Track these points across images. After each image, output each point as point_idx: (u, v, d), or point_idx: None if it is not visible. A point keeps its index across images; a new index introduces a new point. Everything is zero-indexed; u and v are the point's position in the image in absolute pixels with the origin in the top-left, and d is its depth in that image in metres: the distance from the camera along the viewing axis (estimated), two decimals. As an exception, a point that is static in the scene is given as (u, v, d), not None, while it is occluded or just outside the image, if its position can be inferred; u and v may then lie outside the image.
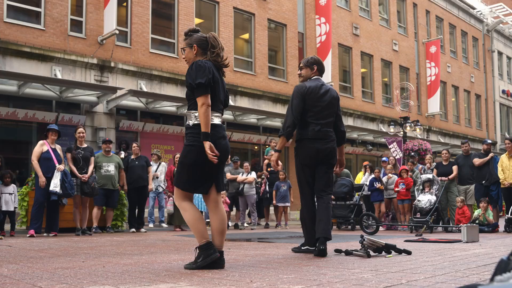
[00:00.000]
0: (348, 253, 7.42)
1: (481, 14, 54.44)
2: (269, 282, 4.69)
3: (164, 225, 19.05)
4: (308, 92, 7.84)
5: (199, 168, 5.81)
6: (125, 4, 24.55)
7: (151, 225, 18.94)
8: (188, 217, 5.85)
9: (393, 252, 7.44)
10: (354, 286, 4.44)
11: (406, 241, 10.85)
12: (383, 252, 7.42)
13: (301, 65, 8.27)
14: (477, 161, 16.72)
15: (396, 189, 17.82)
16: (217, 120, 5.92)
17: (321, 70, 8.25)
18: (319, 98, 7.89)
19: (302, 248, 7.92)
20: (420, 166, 19.27)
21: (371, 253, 7.27)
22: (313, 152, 7.71)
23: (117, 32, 22.42)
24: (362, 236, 7.45)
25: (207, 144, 5.61)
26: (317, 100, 7.87)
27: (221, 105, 6.13)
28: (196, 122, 5.80)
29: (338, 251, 7.63)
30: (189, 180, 5.87)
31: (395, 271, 5.44)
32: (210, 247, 5.67)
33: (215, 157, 5.64)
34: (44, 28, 21.38)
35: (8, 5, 20.55)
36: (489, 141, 17.38)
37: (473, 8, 53.72)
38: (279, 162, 8.03)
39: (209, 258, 5.60)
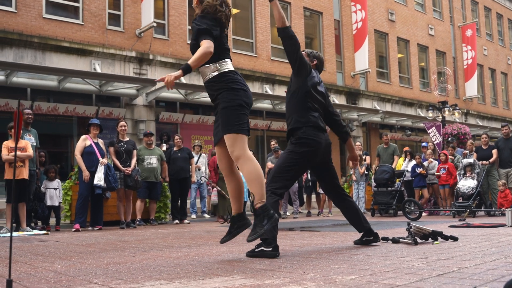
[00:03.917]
0: (395, 240, 7.36)
1: (515, -4, 53.96)
2: (322, 273, 4.68)
3: (207, 215, 19.14)
4: None
5: (248, 110, 5.82)
6: (161, -4, 24.66)
7: (193, 216, 18.99)
8: (252, 167, 5.56)
9: (439, 238, 7.40)
10: (407, 275, 4.41)
11: (450, 226, 10.77)
12: (430, 239, 7.38)
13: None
14: None
15: (437, 173, 17.71)
16: (231, 66, 5.93)
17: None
18: None
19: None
20: (464, 151, 19.16)
21: (418, 240, 7.22)
22: None
23: (154, 24, 22.54)
24: (409, 224, 7.41)
25: (179, 72, 5.50)
26: None
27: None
28: (225, 70, 5.78)
29: (385, 239, 7.54)
30: (246, 122, 5.74)
31: (444, 259, 5.40)
32: (268, 208, 5.49)
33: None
34: (83, 23, 21.58)
35: (46, 1, 20.79)
36: None
37: (507, -10, 53.22)
38: None
39: (273, 219, 5.43)
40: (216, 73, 5.75)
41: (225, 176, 6.07)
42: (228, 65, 5.83)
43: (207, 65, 5.77)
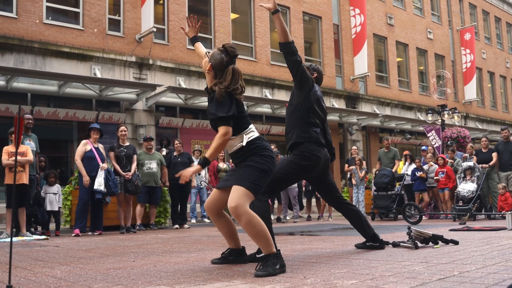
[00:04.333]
0: (395, 244, 7.37)
1: (513, -1, 54.00)
2: (322, 278, 4.69)
3: (207, 220, 19.10)
4: None
5: (270, 177, 5.75)
6: (161, 1, 24.69)
7: (193, 220, 18.96)
8: (257, 223, 5.31)
9: (440, 242, 7.40)
10: (408, 279, 4.42)
11: (451, 230, 10.76)
12: (430, 242, 7.37)
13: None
14: None
15: (436, 177, 17.72)
16: (256, 131, 5.86)
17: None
18: None
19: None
20: (464, 155, 19.15)
21: (419, 244, 7.22)
22: None
23: (154, 29, 22.58)
24: (409, 228, 7.41)
25: (197, 168, 5.55)
26: None
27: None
28: (252, 138, 5.69)
29: (385, 243, 7.56)
30: (262, 187, 5.61)
31: (445, 263, 5.42)
32: (281, 256, 5.33)
33: None
34: (83, 28, 21.61)
35: (47, 6, 20.82)
36: None
37: (505, -6, 53.27)
38: None
39: (284, 268, 5.24)
40: (243, 143, 5.65)
41: (214, 220, 6.05)
42: (254, 132, 5.75)
43: (232, 137, 5.66)
